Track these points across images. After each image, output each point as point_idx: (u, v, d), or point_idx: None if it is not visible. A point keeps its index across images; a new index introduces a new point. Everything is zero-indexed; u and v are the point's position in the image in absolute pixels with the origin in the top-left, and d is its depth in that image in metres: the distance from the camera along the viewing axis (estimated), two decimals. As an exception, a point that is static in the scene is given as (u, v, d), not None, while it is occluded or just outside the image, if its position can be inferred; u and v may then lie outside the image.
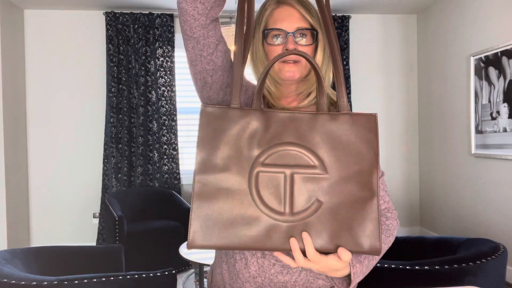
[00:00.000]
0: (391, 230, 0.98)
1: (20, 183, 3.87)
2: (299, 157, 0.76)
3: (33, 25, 4.01)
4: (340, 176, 0.75)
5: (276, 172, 0.75)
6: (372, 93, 4.38)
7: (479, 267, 1.75)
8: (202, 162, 0.76)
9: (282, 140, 0.76)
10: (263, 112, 0.78)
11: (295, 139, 0.76)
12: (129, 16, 3.97)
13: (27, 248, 2.05)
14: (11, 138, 3.72)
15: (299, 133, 0.77)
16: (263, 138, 0.76)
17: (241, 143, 0.76)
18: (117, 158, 3.97)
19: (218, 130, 0.77)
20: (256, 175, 0.75)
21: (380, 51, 4.39)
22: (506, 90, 3.04)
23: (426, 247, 2.27)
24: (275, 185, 0.75)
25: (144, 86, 3.99)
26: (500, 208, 3.18)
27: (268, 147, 0.76)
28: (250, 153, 0.76)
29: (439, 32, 3.96)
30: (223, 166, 0.75)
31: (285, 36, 0.94)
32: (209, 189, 0.75)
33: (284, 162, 0.75)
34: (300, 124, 0.77)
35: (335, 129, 0.77)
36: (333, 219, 0.74)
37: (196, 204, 0.74)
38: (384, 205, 1.00)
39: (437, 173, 4.06)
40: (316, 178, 0.75)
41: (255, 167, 0.75)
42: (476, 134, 3.39)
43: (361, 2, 3.97)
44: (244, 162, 0.75)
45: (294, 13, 0.95)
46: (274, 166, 0.75)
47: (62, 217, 4.06)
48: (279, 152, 0.76)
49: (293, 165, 0.75)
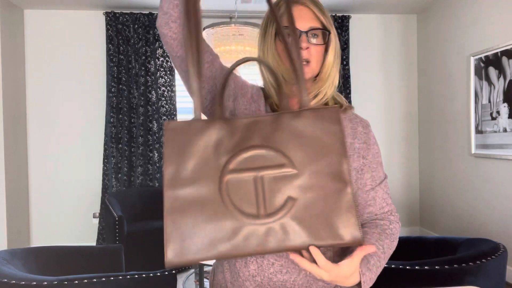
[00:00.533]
0: (395, 234, 0.99)
1: (20, 183, 3.87)
2: (266, 158, 0.75)
3: (33, 25, 4.01)
4: (310, 170, 0.75)
5: (246, 176, 0.74)
6: (372, 93, 4.38)
7: (479, 267, 1.75)
8: (171, 177, 0.74)
9: (248, 144, 0.76)
10: (226, 121, 0.78)
11: (260, 141, 0.76)
12: (129, 16, 3.97)
13: (27, 248, 2.05)
14: (11, 138, 3.72)
15: (264, 135, 0.77)
16: (229, 145, 0.76)
17: (207, 154, 0.76)
18: (117, 158, 3.97)
19: (183, 144, 0.76)
20: (227, 183, 0.74)
21: (380, 51, 4.39)
22: (506, 90, 3.04)
23: (426, 247, 2.27)
24: (246, 190, 0.74)
25: (144, 86, 4.00)
26: (500, 208, 3.18)
27: (234, 153, 0.75)
28: (217, 161, 0.75)
29: (439, 32, 3.96)
30: (192, 178, 0.74)
31: (299, 35, 0.94)
32: (181, 204, 0.73)
33: (252, 166, 0.75)
34: (264, 126, 0.77)
35: (299, 125, 0.78)
36: (309, 214, 0.73)
37: (169, 221, 0.72)
38: (387, 207, 1.01)
39: (437, 173, 4.06)
40: (287, 176, 0.75)
41: (224, 174, 0.74)
42: (476, 134, 3.39)
43: (361, 2, 3.97)
44: (213, 171, 0.75)
45: (307, 12, 0.95)
46: (243, 170, 0.75)
47: (62, 217, 4.06)
48: (247, 156, 0.75)
49: (262, 167, 0.75)
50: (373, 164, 1.00)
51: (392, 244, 0.97)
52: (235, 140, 0.76)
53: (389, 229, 0.98)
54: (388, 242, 0.96)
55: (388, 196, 1.02)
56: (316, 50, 0.96)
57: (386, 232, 0.97)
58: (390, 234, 0.97)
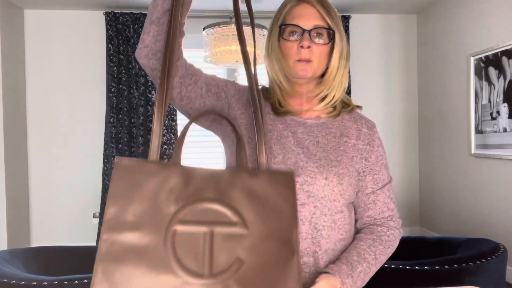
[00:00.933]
0: (391, 241, 0.98)
1: (20, 183, 3.87)
2: (219, 213, 0.71)
3: (33, 25, 4.01)
4: (261, 233, 0.71)
5: (195, 229, 0.69)
6: (372, 93, 4.38)
7: (479, 267, 1.75)
8: (112, 218, 0.68)
9: (202, 195, 0.72)
10: (183, 168, 0.74)
11: (215, 195, 0.72)
12: (129, 16, 3.97)
13: (27, 248, 2.05)
14: (11, 138, 3.72)
15: (219, 189, 0.73)
16: (182, 194, 0.71)
17: (157, 199, 0.70)
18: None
19: (133, 184, 0.70)
20: (173, 233, 0.68)
21: (380, 51, 4.39)
22: (506, 90, 3.04)
23: (426, 247, 2.27)
24: (193, 244, 0.68)
25: (144, 86, 4.00)
26: (500, 208, 3.18)
27: (187, 202, 0.71)
28: (167, 209, 0.69)
29: (439, 32, 3.96)
30: (135, 223, 0.68)
31: (301, 33, 0.94)
32: (118, 250, 0.66)
33: (203, 219, 0.70)
34: (220, 180, 0.74)
35: (255, 185, 0.75)
36: (255, 279, 0.68)
37: (101, 267, 0.65)
38: (388, 212, 1.00)
39: (437, 173, 4.06)
40: (237, 235, 0.70)
41: (172, 224, 0.69)
42: (476, 134, 3.39)
43: (361, 2, 3.97)
44: (160, 219, 0.69)
45: (313, 11, 0.94)
46: (193, 223, 0.70)
47: (62, 217, 4.06)
48: (199, 208, 0.71)
49: (213, 222, 0.70)
50: (376, 166, 0.99)
51: (386, 250, 0.97)
52: (190, 190, 0.72)
53: (385, 235, 0.97)
54: (382, 248, 0.96)
55: (390, 201, 1.01)
56: (319, 49, 0.94)
57: (381, 239, 0.97)
58: (385, 241, 0.97)
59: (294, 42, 0.94)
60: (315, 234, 0.92)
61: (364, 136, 0.99)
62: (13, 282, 1.55)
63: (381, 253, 0.95)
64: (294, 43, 0.94)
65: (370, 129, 1.01)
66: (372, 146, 0.99)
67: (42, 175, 4.04)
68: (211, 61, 2.98)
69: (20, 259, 1.91)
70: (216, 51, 2.86)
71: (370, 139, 1.00)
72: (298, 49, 0.94)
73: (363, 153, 0.98)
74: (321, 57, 0.95)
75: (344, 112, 1.02)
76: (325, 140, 0.98)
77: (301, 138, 0.97)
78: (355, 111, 1.04)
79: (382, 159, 1.00)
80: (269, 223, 0.73)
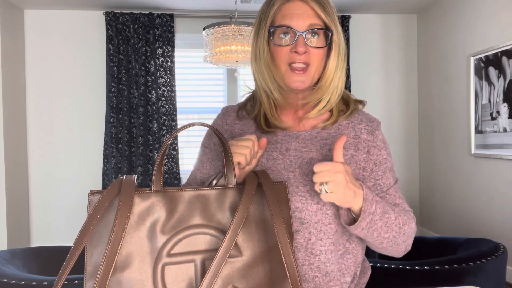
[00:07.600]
0: (409, 218, 0.90)
1: (20, 183, 3.87)
2: (209, 240, 0.66)
3: (33, 25, 4.01)
4: (255, 255, 0.68)
5: (185, 262, 0.65)
6: (372, 93, 4.38)
7: (479, 267, 1.75)
8: (96, 264, 0.63)
9: (189, 223, 0.67)
10: (165, 193, 0.67)
11: (203, 220, 0.67)
12: (129, 16, 3.97)
13: (27, 248, 2.05)
14: (11, 138, 3.72)
15: (207, 213, 0.68)
16: (167, 224, 0.66)
17: (141, 234, 0.65)
18: (117, 158, 3.97)
19: (111, 222, 0.64)
20: (162, 269, 0.64)
21: (380, 51, 4.39)
22: (506, 90, 3.04)
23: (426, 247, 2.27)
24: (185, 278, 0.64)
25: (144, 86, 3.99)
26: (500, 208, 3.18)
27: (173, 233, 0.66)
28: (153, 244, 0.65)
29: (439, 32, 3.96)
30: (121, 264, 0.63)
31: (295, 36, 0.82)
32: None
33: (193, 249, 0.66)
34: (208, 202, 0.69)
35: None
36: None
37: None
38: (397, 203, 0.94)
39: (437, 173, 4.06)
40: (230, 261, 0.67)
41: (160, 259, 0.64)
42: (476, 134, 3.39)
43: (361, 2, 3.97)
44: (147, 256, 0.64)
45: (306, 9, 0.82)
46: (182, 255, 0.65)
47: (62, 217, 4.06)
48: (187, 237, 0.66)
49: (203, 251, 0.66)
50: (378, 171, 0.91)
51: (407, 221, 0.88)
52: (175, 218, 0.66)
53: (404, 210, 0.90)
54: (404, 216, 0.88)
55: (402, 201, 0.92)
56: (316, 53, 0.84)
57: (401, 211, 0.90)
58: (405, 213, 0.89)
59: (286, 47, 0.83)
60: (313, 259, 0.85)
61: (364, 143, 0.90)
62: (13, 282, 1.55)
63: (403, 220, 0.87)
64: (287, 47, 0.83)
65: (371, 134, 0.91)
66: (370, 154, 0.90)
67: (42, 175, 4.04)
68: (211, 61, 2.98)
69: (20, 259, 1.91)
70: (216, 51, 2.86)
71: (370, 146, 0.91)
72: (291, 53, 0.83)
73: (361, 163, 0.90)
74: (318, 61, 0.85)
75: (342, 117, 0.92)
76: (319, 155, 0.89)
77: (294, 156, 0.89)
78: (354, 114, 0.94)
79: (386, 162, 0.92)
80: (261, 243, 0.69)
